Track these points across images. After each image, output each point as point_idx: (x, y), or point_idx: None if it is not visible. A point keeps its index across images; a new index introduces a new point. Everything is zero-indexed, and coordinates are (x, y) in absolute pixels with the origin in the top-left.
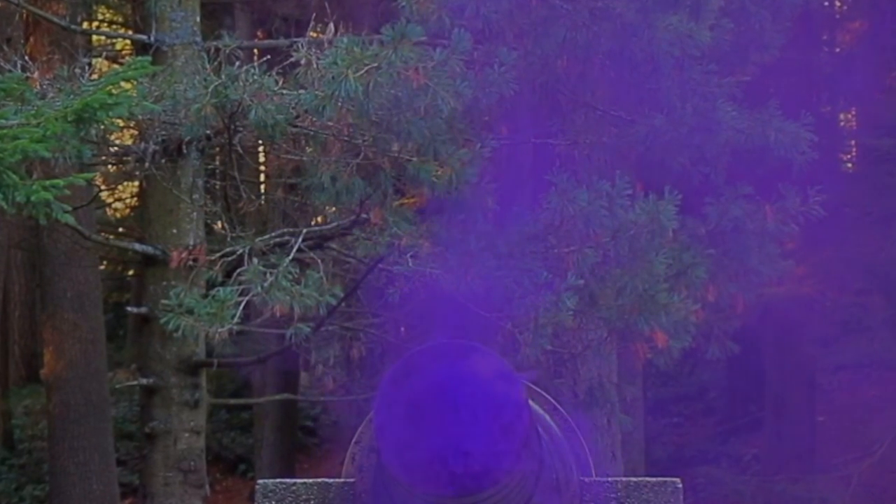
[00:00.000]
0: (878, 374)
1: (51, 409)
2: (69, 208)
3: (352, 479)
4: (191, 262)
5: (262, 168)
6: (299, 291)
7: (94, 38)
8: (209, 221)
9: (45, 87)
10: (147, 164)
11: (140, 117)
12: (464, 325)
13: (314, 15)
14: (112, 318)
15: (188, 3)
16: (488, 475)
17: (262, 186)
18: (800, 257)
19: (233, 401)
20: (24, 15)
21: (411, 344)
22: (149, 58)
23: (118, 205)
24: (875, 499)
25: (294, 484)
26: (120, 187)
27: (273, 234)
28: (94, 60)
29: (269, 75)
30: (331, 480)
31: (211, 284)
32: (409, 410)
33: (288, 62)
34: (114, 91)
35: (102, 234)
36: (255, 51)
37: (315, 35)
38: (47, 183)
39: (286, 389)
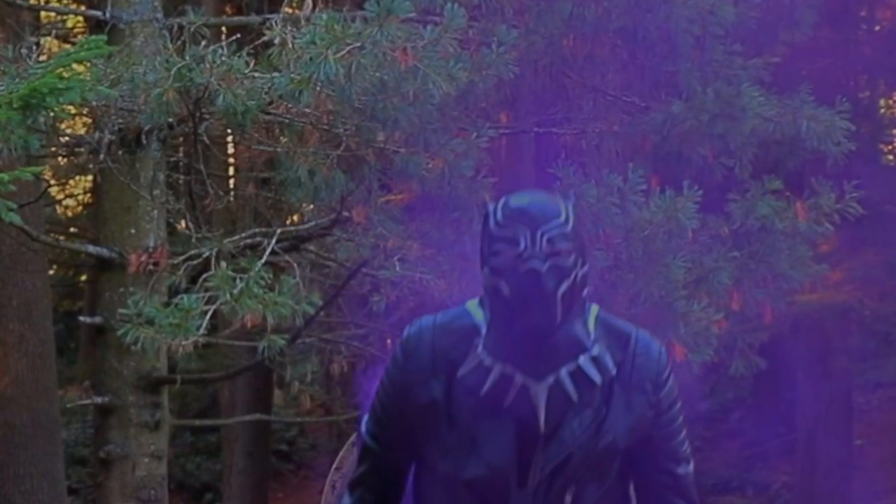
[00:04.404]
0: None
1: None
2: (15, 206)
3: None
4: (151, 266)
5: (231, 160)
6: (273, 299)
7: (43, 14)
8: (171, 220)
9: None
10: (102, 156)
11: (94, 103)
12: None
13: None
14: (63, 328)
15: None
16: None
17: (231, 181)
18: (835, 261)
19: (198, 422)
20: None
21: None
22: (104, 37)
23: (70, 202)
24: None
25: None
26: (71, 182)
27: (243, 234)
28: (42, 39)
29: (239, 56)
30: None
31: (174, 291)
32: None
33: (260, 41)
34: (65, 74)
35: (52, 234)
36: (224, 29)
37: (290, 11)
38: None
39: (258, 409)
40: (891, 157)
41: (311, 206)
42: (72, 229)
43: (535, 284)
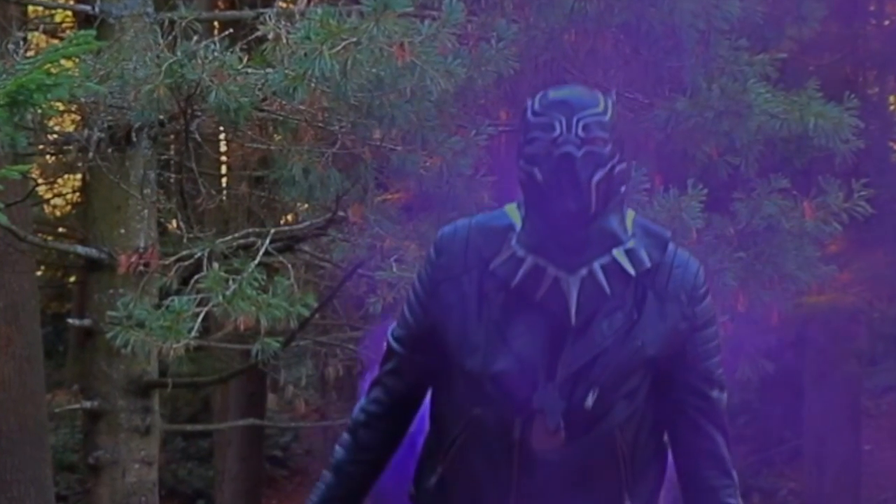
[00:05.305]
0: None
1: None
2: (2, 205)
3: None
4: (141, 268)
5: (224, 159)
6: (266, 301)
7: (30, 8)
8: (162, 220)
9: None
10: (91, 154)
11: (83, 100)
12: None
13: None
14: (51, 331)
15: None
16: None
17: (224, 180)
18: (844, 261)
19: (190, 427)
20: None
21: None
22: (93, 31)
23: (58, 201)
24: None
25: None
26: (60, 181)
27: (236, 234)
28: (29, 35)
29: (232, 52)
30: None
31: (165, 293)
32: None
33: (253, 37)
34: (53, 70)
35: (40, 234)
36: (216, 23)
37: (284, 5)
38: None
39: (251, 414)
40: None
41: (306, 206)
42: (60, 229)
43: (569, 169)
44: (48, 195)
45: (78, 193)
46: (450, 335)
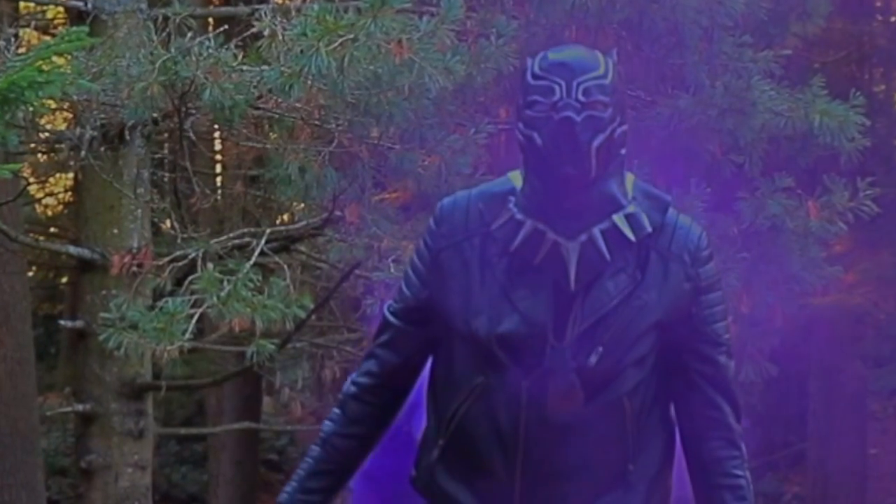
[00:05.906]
0: None
1: None
2: None
3: None
4: (135, 268)
5: (219, 157)
6: (262, 302)
7: (22, 4)
8: (156, 220)
9: None
10: (83, 153)
11: (75, 98)
12: None
13: None
14: (42, 333)
15: None
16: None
17: (219, 179)
18: (849, 262)
19: (184, 430)
20: None
21: None
22: (86, 28)
23: (50, 200)
24: None
25: None
26: (52, 180)
27: (231, 234)
28: (21, 31)
29: (227, 49)
30: None
31: (158, 294)
32: None
33: (249, 33)
34: (45, 67)
35: (31, 234)
36: (211, 20)
37: (280, 1)
38: None
39: (246, 417)
40: None
41: (302, 205)
42: (52, 229)
43: (568, 133)
44: (40, 194)
45: (70, 193)
46: (452, 302)
